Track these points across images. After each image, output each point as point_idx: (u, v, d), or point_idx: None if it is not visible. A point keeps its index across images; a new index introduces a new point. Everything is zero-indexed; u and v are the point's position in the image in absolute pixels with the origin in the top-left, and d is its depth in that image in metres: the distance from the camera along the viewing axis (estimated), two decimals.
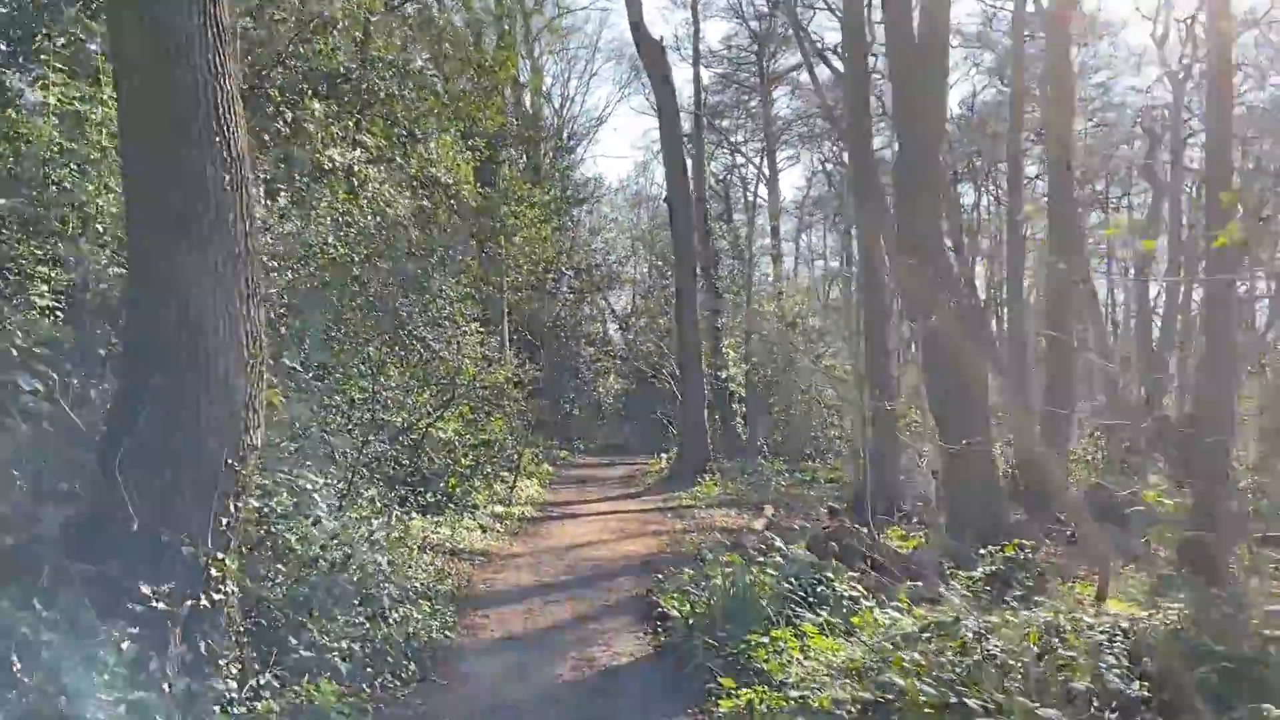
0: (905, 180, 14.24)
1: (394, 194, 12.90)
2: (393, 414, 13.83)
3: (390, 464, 13.41)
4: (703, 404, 21.25)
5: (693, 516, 16.81)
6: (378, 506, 12.49)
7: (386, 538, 10.48)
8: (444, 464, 15.14)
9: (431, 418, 15.38)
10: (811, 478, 23.70)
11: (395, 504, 13.06)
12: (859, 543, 12.23)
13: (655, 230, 37.18)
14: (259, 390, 6.13)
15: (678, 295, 21.29)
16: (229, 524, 5.90)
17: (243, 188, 6.09)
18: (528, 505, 16.63)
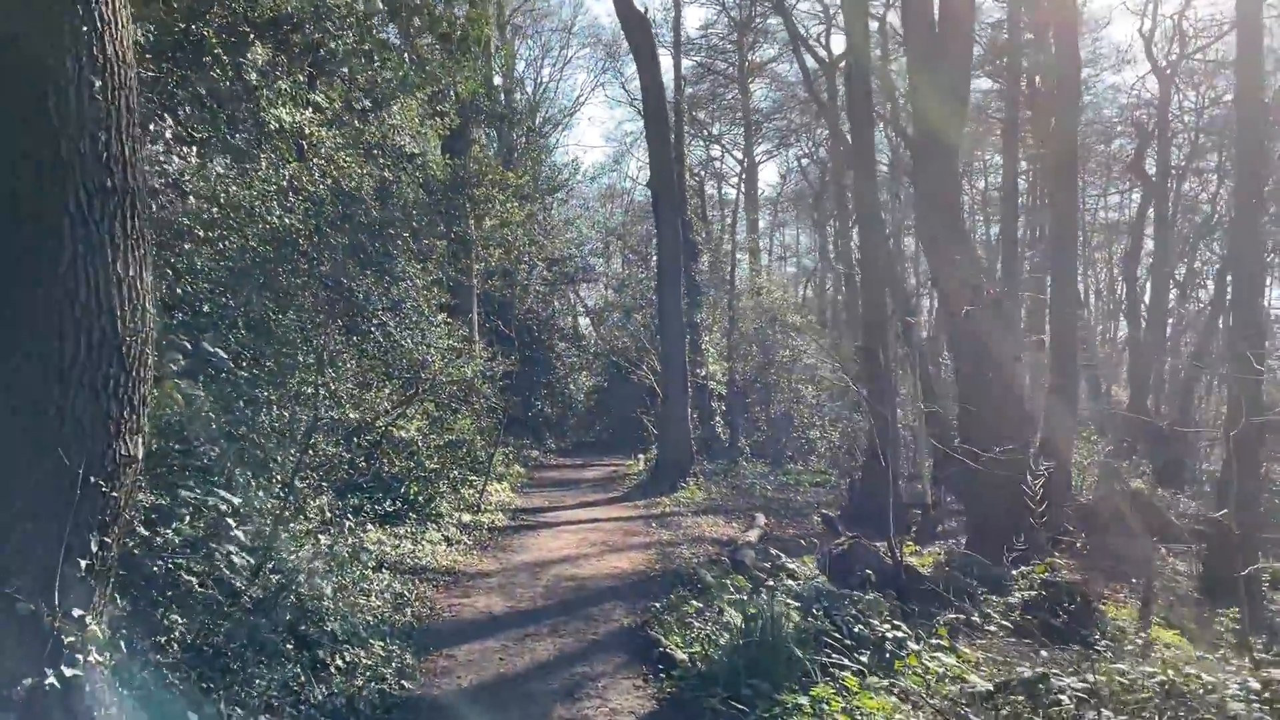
0: (927, 168, 12.64)
1: (350, 160, 11.07)
2: (345, 410, 12.03)
3: (343, 468, 11.60)
4: (686, 403, 19.57)
5: (679, 525, 15.14)
6: (327, 518, 10.75)
7: (334, 557, 8.70)
8: (405, 467, 13.34)
9: (392, 415, 13.59)
10: (795, 480, 22.15)
11: (348, 515, 11.28)
12: (875, 561, 10.61)
13: (629, 224, 35.49)
14: (142, 380, 4.35)
15: (660, 286, 19.59)
16: (92, 566, 4.12)
17: (121, 100, 4.30)
18: (498, 512, 14.85)
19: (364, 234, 11.07)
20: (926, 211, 12.39)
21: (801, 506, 18.36)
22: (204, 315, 7.63)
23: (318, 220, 9.72)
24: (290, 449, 8.78)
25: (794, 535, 15.58)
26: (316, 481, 10.75)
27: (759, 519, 15.76)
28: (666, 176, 18.95)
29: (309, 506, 10.06)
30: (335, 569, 9.03)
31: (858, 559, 10.48)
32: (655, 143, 18.98)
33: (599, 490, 19.20)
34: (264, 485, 7.55)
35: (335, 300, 11.10)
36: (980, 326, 11.61)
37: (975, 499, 12.11)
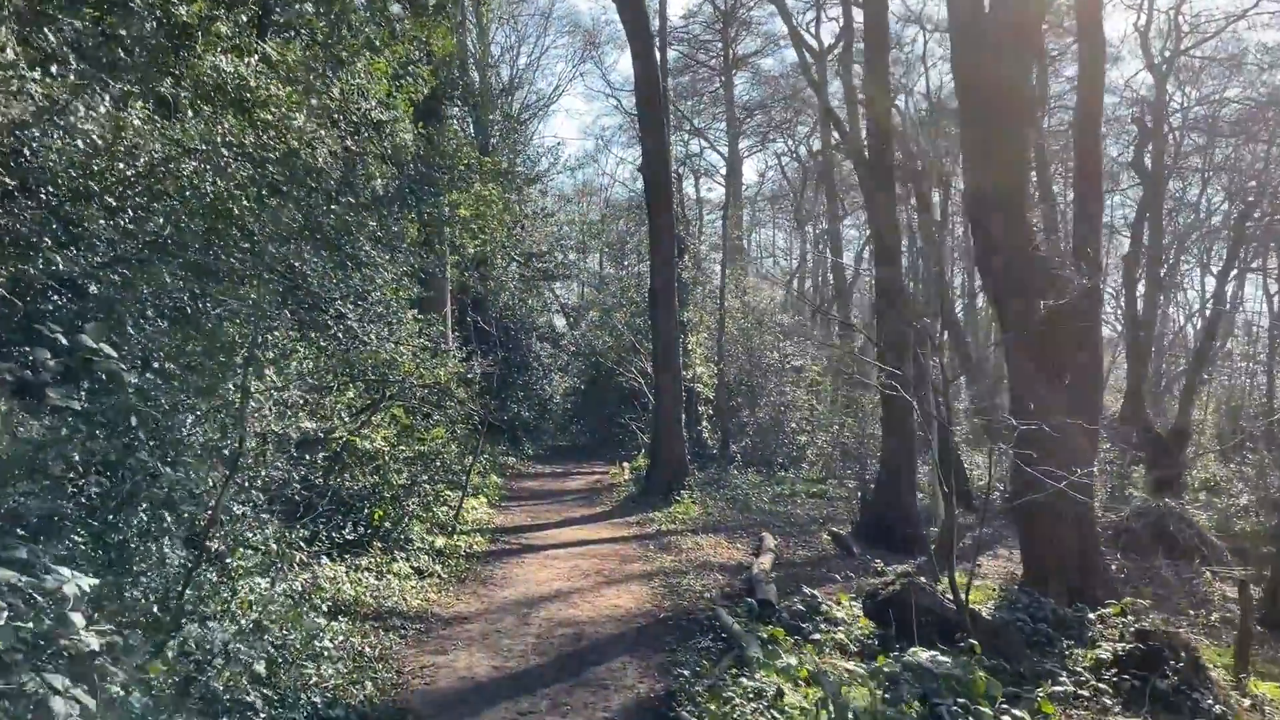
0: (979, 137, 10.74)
1: (306, 121, 8.98)
2: (296, 419, 9.95)
3: (294, 489, 9.52)
4: (679, 408, 17.62)
5: (679, 548, 13.19)
6: (272, 551, 8.68)
7: (271, 615, 6.66)
8: (370, 484, 11.27)
9: (354, 424, 11.51)
10: (791, 490, 20.26)
11: (299, 546, 9.22)
12: (932, 602, 8.71)
13: (608, 220, 33.49)
14: None
15: (653, 281, 17.62)
16: None
17: None
18: (476, 534, 12.80)
19: (320, 208, 9.00)
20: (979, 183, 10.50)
21: (806, 522, 16.48)
22: (92, 299, 5.55)
23: (260, 187, 7.65)
24: (221, 470, 6.70)
25: (806, 558, 13.71)
26: (257, 510, 8.68)
27: (767, 540, 13.84)
28: (661, 160, 17.00)
29: (245, 542, 8.00)
30: (275, 625, 6.99)
31: (910, 601, 8.58)
32: (648, 124, 17.03)
33: (585, 503, 17.20)
34: (167, 533, 5.50)
35: (287, 288, 9.02)
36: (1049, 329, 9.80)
37: (1035, 530, 10.24)
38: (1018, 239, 10.22)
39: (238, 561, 8.03)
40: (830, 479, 22.56)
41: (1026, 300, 10.09)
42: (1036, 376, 10.10)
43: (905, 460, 15.20)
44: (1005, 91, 10.31)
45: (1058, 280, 10.40)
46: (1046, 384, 10.10)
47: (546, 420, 28.25)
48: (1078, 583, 10.03)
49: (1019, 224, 10.33)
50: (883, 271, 14.86)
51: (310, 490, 10.24)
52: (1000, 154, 10.47)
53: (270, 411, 10.25)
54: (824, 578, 12.33)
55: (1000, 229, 10.15)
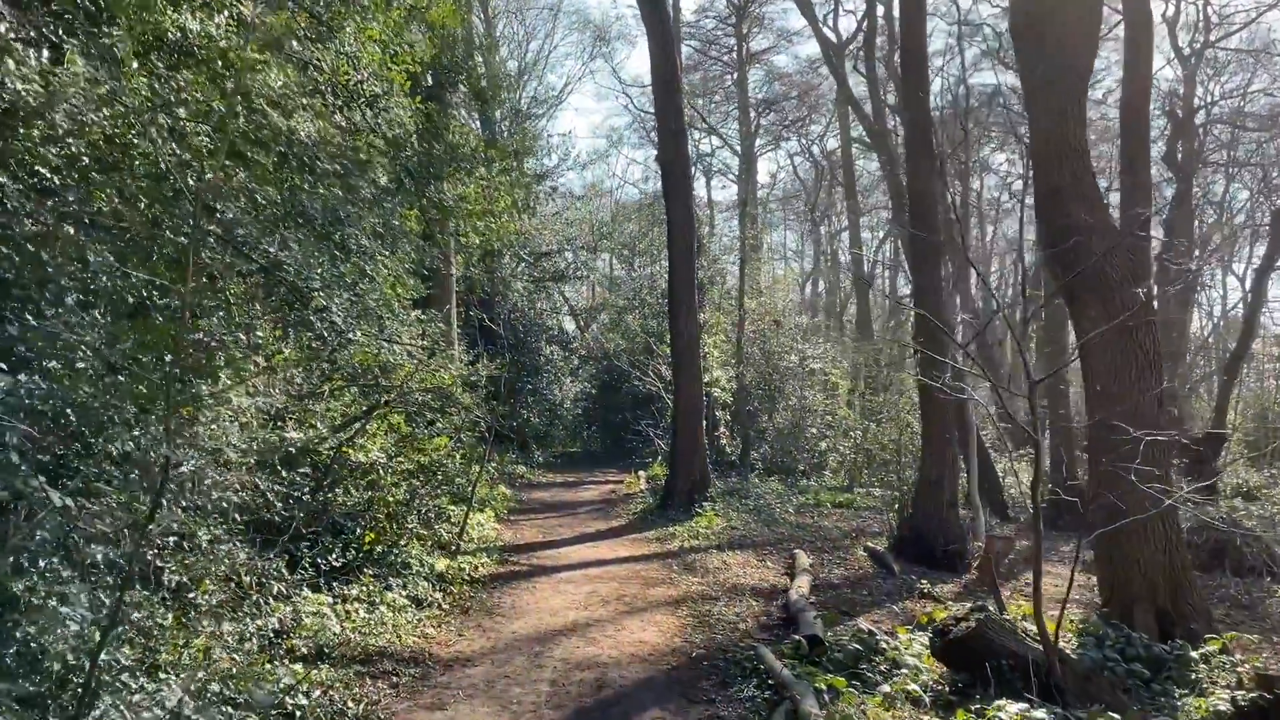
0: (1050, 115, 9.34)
1: (283, 85, 7.67)
2: (279, 430, 8.68)
3: (274, 509, 8.19)
4: (700, 413, 16.26)
5: (705, 567, 11.85)
6: (245, 583, 7.40)
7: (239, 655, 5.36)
8: (363, 501, 9.95)
9: (348, 433, 10.19)
10: (816, 500, 18.89)
11: (282, 574, 7.91)
12: (1010, 642, 7.33)
13: (618, 221, 32.14)
14: None
15: (671, 278, 16.27)
16: None
17: None
18: (482, 554, 11.45)
19: (302, 186, 7.69)
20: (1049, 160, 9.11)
21: (837, 536, 15.09)
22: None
23: (225, 155, 6.34)
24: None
25: (843, 578, 12.34)
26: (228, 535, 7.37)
27: (801, 558, 12.49)
28: (679, 146, 15.66)
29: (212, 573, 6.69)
30: (235, 682, 5.67)
31: (985, 639, 7.21)
32: (665, 107, 15.69)
33: (599, 516, 15.85)
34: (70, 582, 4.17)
35: (264, 279, 7.73)
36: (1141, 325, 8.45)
37: (1118, 550, 8.84)
38: (1096, 221, 8.86)
39: (202, 597, 6.76)
40: (857, 487, 21.17)
41: (1109, 292, 8.71)
42: (1120, 378, 8.73)
43: (946, 468, 13.82)
44: (1074, 26, 9.00)
45: (1140, 269, 9.05)
46: (1130, 386, 8.73)
47: (557, 426, 26.92)
48: (1168, 610, 8.64)
49: (1098, 205, 8.98)
50: (920, 234, 13.47)
51: (295, 509, 8.93)
52: (1072, 130, 9.11)
53: (247, 421, 8.96)
54: (867, 602, 10.97)
55: (1077, 209, 8.79)
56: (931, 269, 13.82)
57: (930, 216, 13.74)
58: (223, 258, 6.56)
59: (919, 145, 13.71)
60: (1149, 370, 8.83)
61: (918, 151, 13.66)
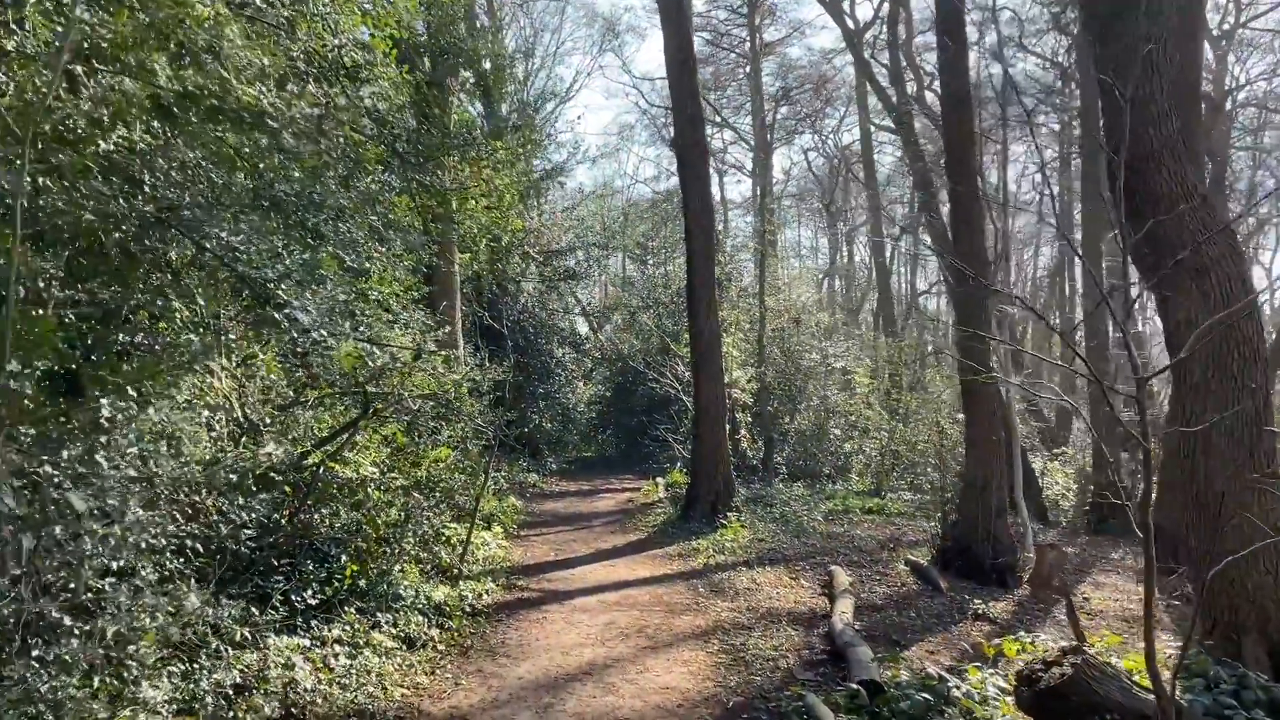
0: None
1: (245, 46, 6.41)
2: (254, 445, 7.45)
3: (242, 538, 6.93)
4: (723, 416, 14.94)
5: (734, 588, 10.55)
6: (199, 631, 6.17)
7: None
8: (350, 523, 8.69)
9: (334, 445, 8.94)
10: (844, 506, 17.54)
11: (250, 616, 6.67)
12: (1116, 692, 5.99)
13: (630, 219, 30.83)
14: None
15: (689, 273, 14.95)
16: None
17: None
18: (487, 579, 10.16)
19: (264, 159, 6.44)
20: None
21: (872, 547, 13.75)
22: None
23: (149, 114, 5.11)
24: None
25: (886, 597, 11.01)
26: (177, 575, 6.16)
27: (839, 576, 11.15)
28: (696, 133, 14.37)
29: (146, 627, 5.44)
30: None
31: (1086, 689, 5.88)
32: (681, 91, 14.38)
33: (616, 529, 14.55)
34: None
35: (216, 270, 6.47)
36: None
37: (1224, 574, 7.47)
38: (1188, 191, 7.53)
39: (144, 648, 5.53)
40: (887, 492, 19.81)
41: (1205, 272, 7.37)
42: (1221, 372, 7.39)
43: (993, 472, 12.47)
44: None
45: (1237, 247, 7.72)
46: (1232, 382, 7.38)
47: (571, 431, 25.62)
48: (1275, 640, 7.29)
49: (1190, 173, 7.64)
50: (961, 189, 12.14)
51: (266, 538, 7.67)
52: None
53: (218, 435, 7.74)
54: (917, 627, 9.65)
55: (1166, 177, 7.46)
56: (976, 251, 12.44)
57: (971, 195, 12.39)
58: (151, 240, 5.30)
59: (959, 117, 12.35)
60: (1254, 363, 7.49)
61: (958, 120, 12.30)
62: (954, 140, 12.56)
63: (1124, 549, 16.21)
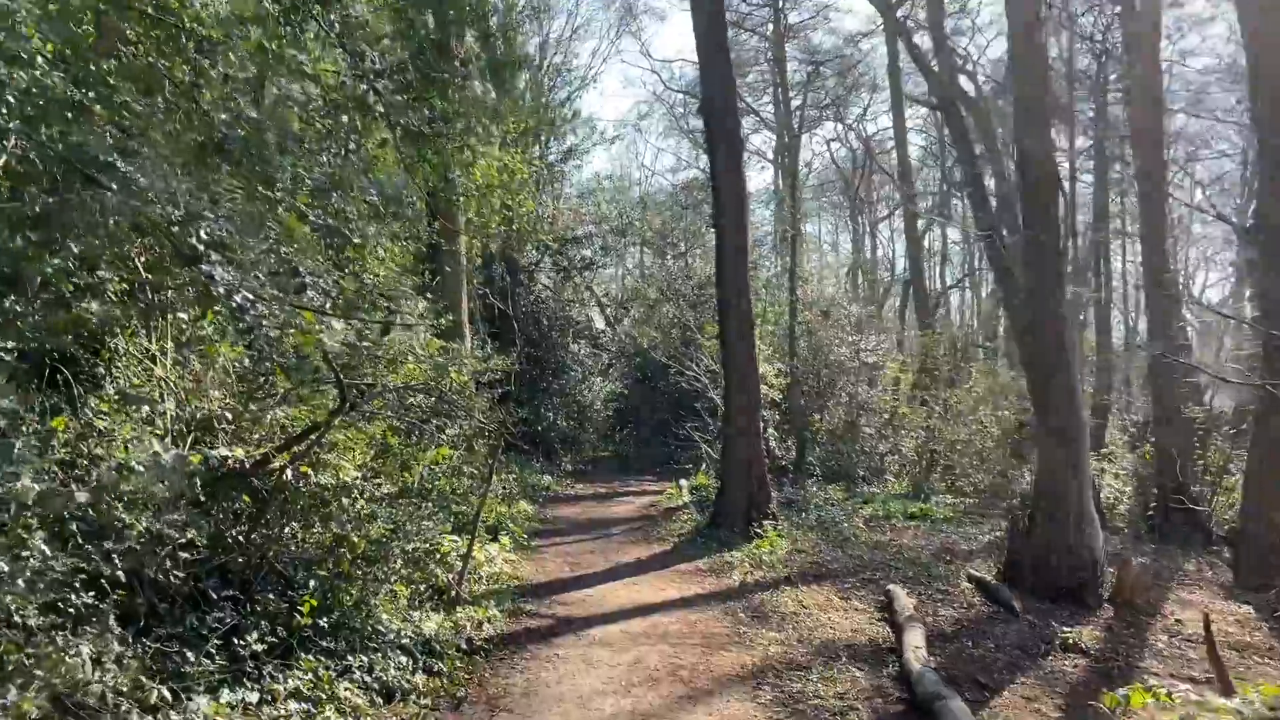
0: None
1: None
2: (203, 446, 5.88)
3: (169, 569, 5.34)
4: (757, 413, 13.22)
5: (778, 613, 8.90)
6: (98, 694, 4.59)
7: None
8: (324, 540, 7.08)
9: (303, 445, 7.31)
10: (885, 511, 15.81)
11: (159, 670, 5.07)
12: None
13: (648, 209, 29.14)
14: None
15: (720, 256, 13.24)
16: None
17: None
18: (490, 602, 8.52)
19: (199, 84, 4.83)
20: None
21: (927, 560, 12.03)
22: None
23: None
24: None
25: (954, 621, 9.32)
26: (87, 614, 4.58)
27: (900, 599, 9.46)
28: (727, 95, 12.68)
29: None
30: None
31: None
32: (710, 48, 12.68)
33: (638, 538, 12.89)
34: None
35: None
36: None
37: None
38: None
39: None
40: (928, 495, 18.06)
41: None
42: None
43: (1071, 474, 10.75)
44: None
45: None
46: None
47: (586, 430, 23.97)
48: None
49: None
50: (1031, 144, 10.44)
51: (220, 557, 6.08)
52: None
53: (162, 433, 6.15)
54: (1001, 664, 7.96)
55: None
56: (1049, 230, 10.72)
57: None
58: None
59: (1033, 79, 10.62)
60: None
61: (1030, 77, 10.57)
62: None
63: (1195, 559, 14.41)
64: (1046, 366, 10.95)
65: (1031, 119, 10.76)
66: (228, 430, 7.24)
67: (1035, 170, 10.76)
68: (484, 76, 18.10)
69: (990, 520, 15.61)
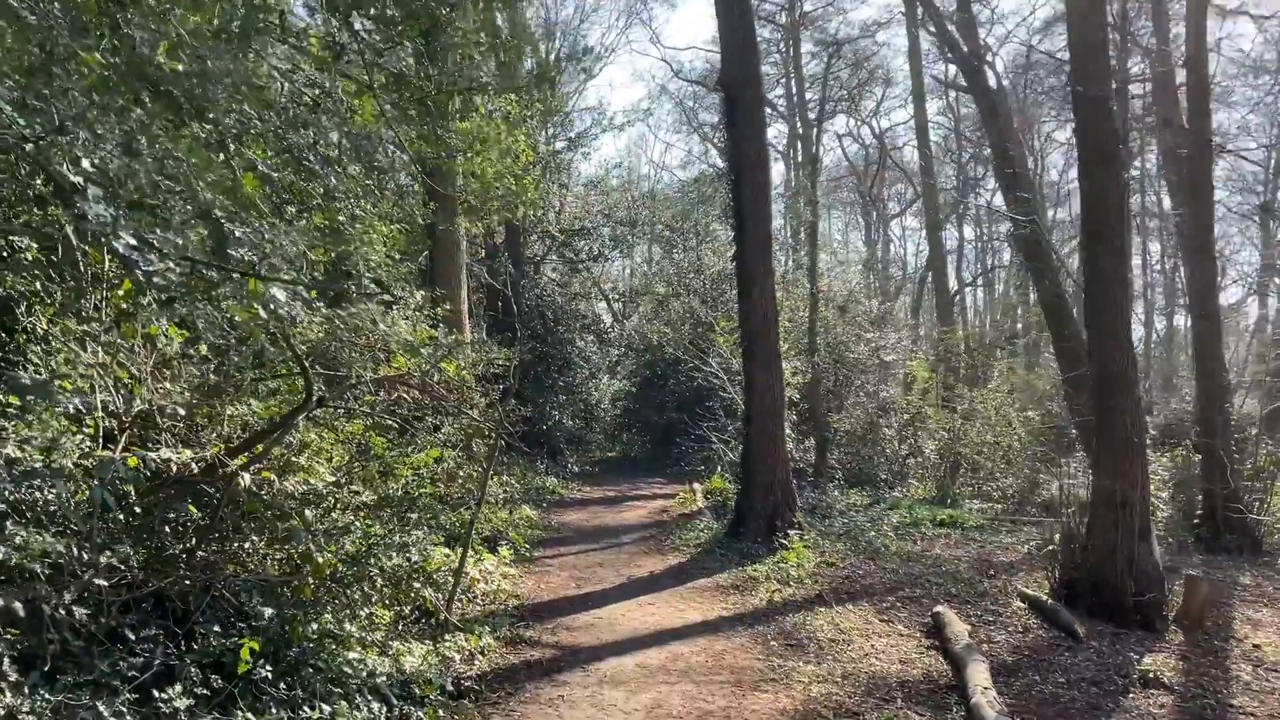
0: None
1: None
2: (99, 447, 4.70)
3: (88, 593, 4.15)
4: (781, 413, 11.97)
5: (814, 640, 7.69)
6: None
7: None
8: (288, 561, 5.90)
9: (260, 448, 6.14)
10: (913, 518, 14.55)
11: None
12: None
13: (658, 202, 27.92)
14: None
15: (740, 243, 12.02)
16: None
17: None
18: (484, 628, 7.31)
19: None
20: None
21: (966, 574, 10.79)
22: None
23: None
24: None
25: (1012, 649, 8.10)
26: None
27: (951, 622, 8.23)
28: (747, 62, 11.48)
29: None
30: None
31: None
32: (729, 7, 11.48)
33: (650, 547, 11.67)
34: None
35: None
36: None
37: None
38: None
39: None
40: (954, 500, 16.82)
41: None
42: None
43: (1136, 481, 9.52)
44: None
45: None
46: None
47: (593, 429, 22.75)
48: None
49: None
50: (1094, 90, 9.22)
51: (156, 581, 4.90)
52: None
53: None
54: (1078, 704, 6.73)
55: None
56: (1112, 179, 9.46)
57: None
58: None
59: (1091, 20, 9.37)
60: None
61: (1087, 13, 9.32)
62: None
63: (1249, 571, 13.15)
64: (1109, 363, 9.72)
65: (1090, 59, 9.52)
66: (176, 429, 6.06)
67: (1095, 116, 9.50)
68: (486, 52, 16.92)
69: (1024, 529, 14.39)
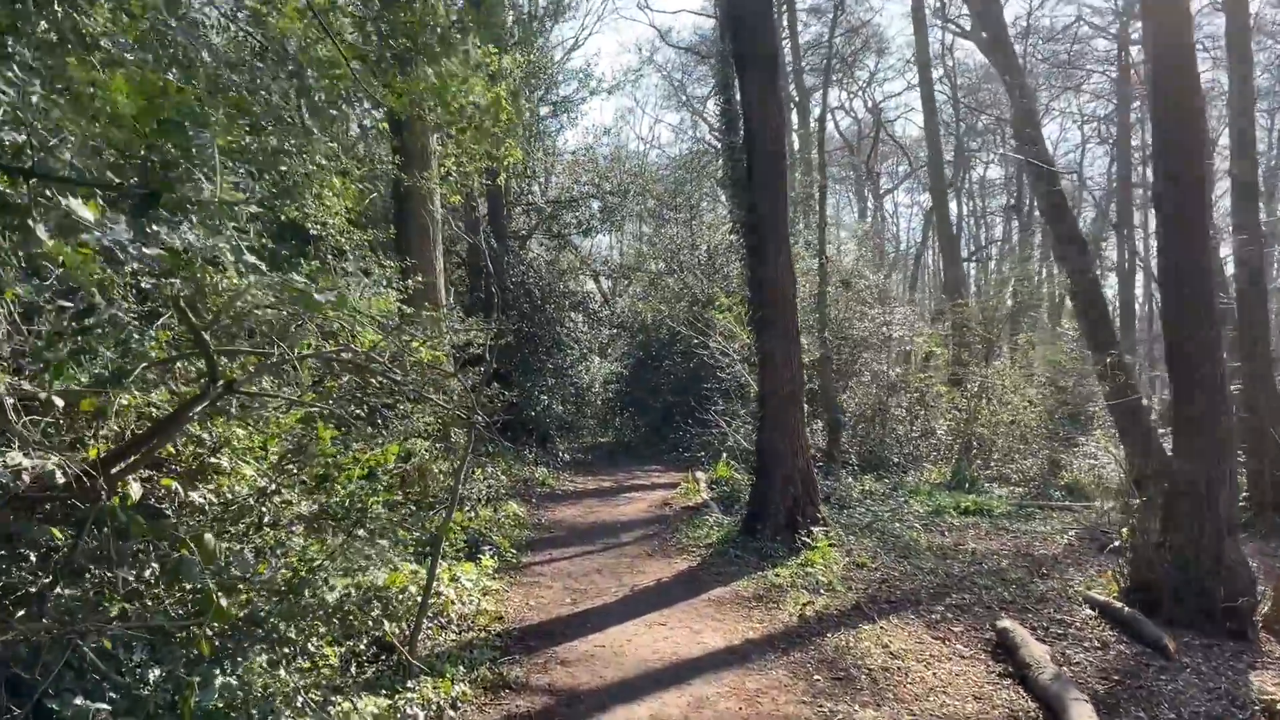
0: None
1: None
2: None
3: None
4: (801, 395, 10.38)
5: (865, 670, 6.18)
6: None
7: None
8: (185, 596, 4.32)
9: (142, 452, 4.53)
10: (935, 506, 13.07)
11: None
12: None
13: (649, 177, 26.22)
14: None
15: (754, 205, 10.38)
16: None
17: None
18: (458, 666, 5.75)
19: None
20: None
21: (1014, 573, 9.31)
22: None
23: None
24: None
25: (1098, 672, 6.61)
26: None
27: (1026, 645, 6.72)
28: (760, 13, 9.85)
29: None
30: None
31: None
32: None
33: (655, 549, 10.11)
34: None
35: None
36: None
37: None
38: None
39: None
40: (972, 483, 15.36)
41: None
42: None
43: (1223, 468, 8.05)
44: None
45: None
46: None
47: (584, 414, 21.17)
48: None
49: None
50: (1164, 33, 7.75)
51: None
52: None
53: None
54: None
55: None
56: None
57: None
58: None
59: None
60: None
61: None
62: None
63: None
64: (1189, 328, 8.20)
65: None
66: (34, 426, 4.45)
67: (1170, 54, 7.96)
68: None
69: (1054, 516, 12.99)
